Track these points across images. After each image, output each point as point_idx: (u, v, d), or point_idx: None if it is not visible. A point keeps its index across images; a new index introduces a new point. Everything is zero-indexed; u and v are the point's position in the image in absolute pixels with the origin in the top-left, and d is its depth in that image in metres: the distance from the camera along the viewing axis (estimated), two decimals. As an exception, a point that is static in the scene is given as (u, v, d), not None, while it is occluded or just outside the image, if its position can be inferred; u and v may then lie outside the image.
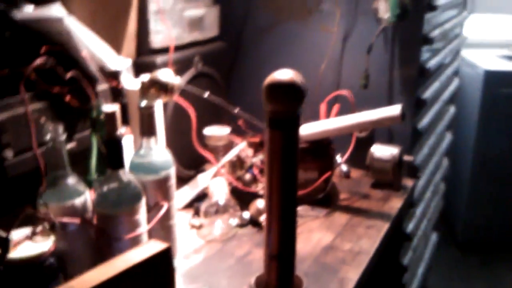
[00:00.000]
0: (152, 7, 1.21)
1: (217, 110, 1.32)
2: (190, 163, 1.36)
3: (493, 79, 2.61)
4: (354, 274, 1.00)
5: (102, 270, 0.65)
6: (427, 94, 1.48)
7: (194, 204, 1.22)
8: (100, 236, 0.85)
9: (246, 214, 1.18)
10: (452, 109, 2.04)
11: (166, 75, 0.94)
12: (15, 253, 0.76)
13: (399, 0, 1.22)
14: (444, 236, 2.89)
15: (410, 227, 1.54)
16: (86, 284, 0.62)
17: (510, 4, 4.29)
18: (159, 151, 0.95)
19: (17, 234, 0.79)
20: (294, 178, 0.81)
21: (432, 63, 1.47)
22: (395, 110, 1.16)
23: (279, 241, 0.83)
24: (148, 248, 0.70)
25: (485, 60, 2.74)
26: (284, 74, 0.78)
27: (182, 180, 1.31)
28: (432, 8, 1.36)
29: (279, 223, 0.81)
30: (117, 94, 1.07)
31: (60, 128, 0.83)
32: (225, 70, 1.51)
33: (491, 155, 2.69)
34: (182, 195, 1.25)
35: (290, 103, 0.78)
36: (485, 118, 2.63)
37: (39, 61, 0.83)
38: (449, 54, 1.78)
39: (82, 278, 0.63)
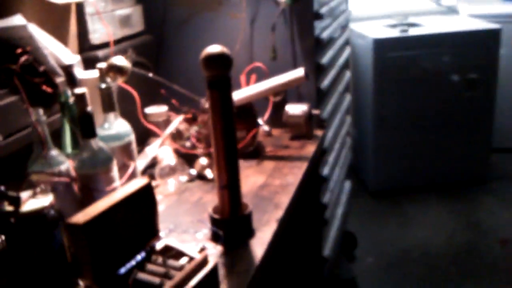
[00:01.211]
0: (88, 10, 1.42)
1: (150, 93, 1.55)
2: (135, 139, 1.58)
3: (381, 45, 3.02)
4: (285, 199, 1.30)
5: (106, 201, 0.88)
6: (324, 60, 1.80)
7: (147, 171, 1.45)
8: (84, 191, 1.08)
9: (193, 171, 1.43)
10: (348, 74, 2.40)
11: (120, 60, 1.18)
12: (23, 208, 0.97)
13: (291, -15, 1.52)
14: (357, 187, 3.30)
15: (325, 171, 1.86)
16: (96, 210, 0.85)
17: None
18: (119, 123, 1.19)
19: (22, 195, 1.00)
20: (232, 123, 1.07)
21: (325, 35, 1.79)
22: (300, 72, 1.47)
23: (227, 173, 1.09)
24: (135, 183, 0.94)
25: (372, 30, 3.15)
26: (215, 48, 1.04)
27: (133, 154, 1.54)
28: (318, -11, 1.68)
29: (225, 158, 1.08)
30: (72, 83, 1.28)
31: (41, 111, 1.05)
32: (153, 58, 1.74)
33: (387, 110, 3.12)
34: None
35: (222, 68, 1.04)
36: (378, 79, 3.05)
37: (23, 58, 1.03)
38: (338, 27, 2.12)
39: (92, 206, 0.87)
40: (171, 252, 0.95)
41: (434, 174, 3.34)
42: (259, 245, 1.10)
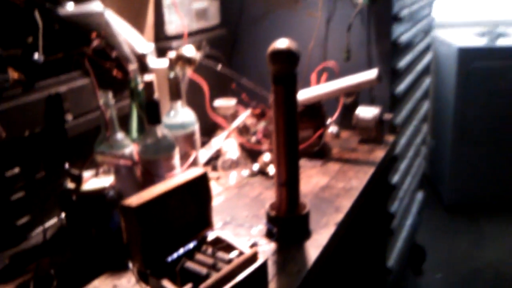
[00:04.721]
0: (166, 1, 1.45)
1: (221, 86, 1.56)
2: (202, 130, 1.59)
3: (466, 54, 2.87)
4: (347, 202, 1.25)
5: (161, 186, 0.89)
6: (401, 64, 1.72)
7: (211, 162, 1.46)
8: (145, 175, 1.09)
9: (256, 166, 1.42)
10: (427, 81, 2.29)
11: (189, 50, 1.19)
12: (85, 187, 1.00)
13: (370, -16, 1.47)
14: (431, 199, 3.16)
15: (395, 178, 1.79)
16: (150, 194, 0.86)
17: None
18: (185, 112, 1.20)
19: (85, 174, 1.03)
20: (294, 121, 1.05)
21: (403, 39, 1.72)
22: (372, 73, 1.41)
23: (286, 171, 1.07)
24: (191, 172, 0.94)
25: (458, 38, 3.00)
26: (283, 43, 1.02)
27: (199, 145, 1.55)
28: (400, -10, 1.61)
29: (285, 155, 1.05)
30: (144, 71, 1.31)
31: (110, 94, 1.07)
32: (227, 52, 1.75)
33: (468, 122, 2.95)
34: (200, 155, 1.49)
35: (288, 64, 1.02)
36: (461, 89, 2.89)
37: (95, 42, 1.07)
38: (419, 32, 2.03)
39: (147, 191, 0.87)
40: (222, 244, 0.94)
41: (515, 193, 3.12)
42: (314, 248, 1.07)
